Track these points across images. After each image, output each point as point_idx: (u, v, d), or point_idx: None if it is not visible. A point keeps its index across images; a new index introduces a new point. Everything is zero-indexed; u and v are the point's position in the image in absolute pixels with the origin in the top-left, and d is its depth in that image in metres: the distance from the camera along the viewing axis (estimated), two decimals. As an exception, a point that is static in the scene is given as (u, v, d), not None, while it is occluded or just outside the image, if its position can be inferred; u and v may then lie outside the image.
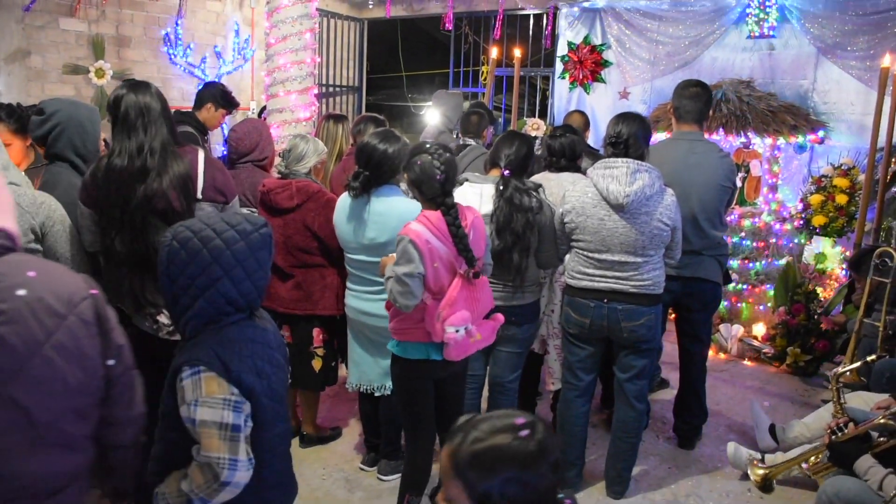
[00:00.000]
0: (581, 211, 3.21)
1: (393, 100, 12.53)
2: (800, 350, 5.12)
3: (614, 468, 3.47)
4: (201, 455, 1.77)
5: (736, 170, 3.93)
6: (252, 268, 1.88)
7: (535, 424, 1.47)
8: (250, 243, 1.88)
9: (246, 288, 1.87)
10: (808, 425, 3.74)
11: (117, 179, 2.61)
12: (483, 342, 2.83)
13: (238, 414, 1.78)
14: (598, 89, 7.49)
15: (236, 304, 1.87)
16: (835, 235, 5.73)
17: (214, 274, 1.82)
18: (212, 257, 1.82)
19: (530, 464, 1.42)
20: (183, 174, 2.67)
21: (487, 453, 1.43)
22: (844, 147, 6.03)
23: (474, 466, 1.43)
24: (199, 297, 1.83)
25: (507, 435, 1.44)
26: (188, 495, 1.79)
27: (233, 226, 1.88)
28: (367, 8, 8.94)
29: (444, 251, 2.68)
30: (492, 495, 1.41)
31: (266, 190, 3.59)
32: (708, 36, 6.68)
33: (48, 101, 3.01)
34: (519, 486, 1.41)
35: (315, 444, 3.89)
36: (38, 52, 6.11)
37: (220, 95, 4.60)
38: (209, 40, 7.50)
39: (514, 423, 1.46)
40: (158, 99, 2.71)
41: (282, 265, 3.60)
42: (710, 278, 3.79)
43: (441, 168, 2.68)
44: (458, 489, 1.45)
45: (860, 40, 5.95)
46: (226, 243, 1.84)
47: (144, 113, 2.65)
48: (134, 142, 2.63)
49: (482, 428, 1.47)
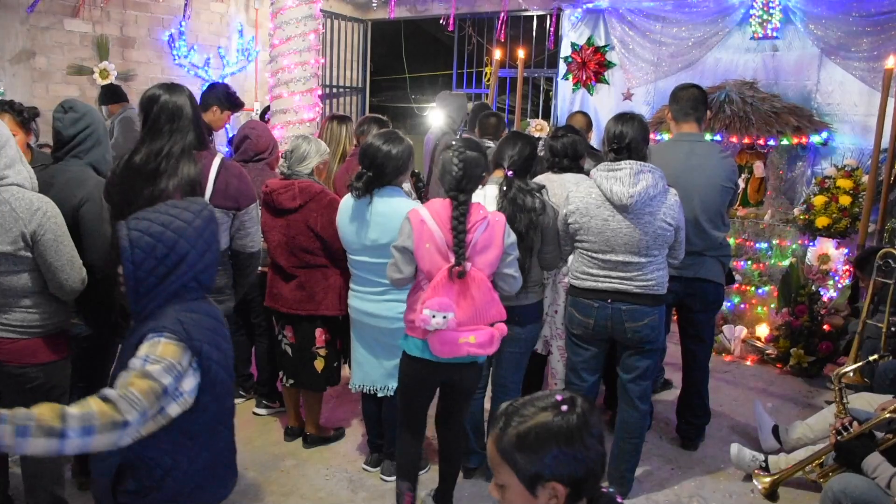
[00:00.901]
0: (585, 211, 3.21)
1: (396, 101, 12.55)
2: (803, 351, 5.12)
3: (617, 469, 3.47)
4: (119, 389, 1.76)
5: (737, 170, 3.93)
6: (210, 241, 2.02)
7: (574, 399, 1.49)
8: (204, 220, 2.01)
9: (208, 261, 2.00)
10: (811, 426, 3.74)
11: (131, 178, 2.65)
12: (479, 348, 2.77)
13: (175, 381, 1.82)
14: (601, 90, 7.50)
15: (199, 280, 1.99)
16: (838, 236, 5.72)
17: (182, 249, 1.93)
18: (177, 235, 1.93)
19: (575, 438, 1.44)
20: (191, 178, 2.70)
21: (531, 433, 1.44)
22: (848, 148, 6.03)
23: (521, 448, 1.45)
24: (168, 275, 1.92)
25: (548, 413, 1.46)
26: (61, 428, 1.66)
27: (184, 208, 2.01)
28: (371, 9, 8.96)
29: (439, 236, 2.76)
30: (543, 475, 1.44)
31: (269, 191, 3.60)
32: (711, 37, 6.68)
33: (75, 101, 3.09)
34: (567, 462, 1.43)
35: (318, 445, 3.89)
36: (43, 52, 6.14)
37: (224, 97, 4.61)
38: (213, 41, 7.53)
39: (555, 400, 1.49)
40: (192, 104, 2.77)
41: (285, 265, 3.61)
42: (712, 279, 3.79)
43: (459, 165, 2.79)
44: (509, 474, 1.47)
45: (864, 41, 5.95)
46: (185, 222, 1.96)
47: (176, 117, 2.70)
48: (156, 144, 2.68)
49: (523, 411, 1.49)
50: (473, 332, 2.74)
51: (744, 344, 5.53)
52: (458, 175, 2.78)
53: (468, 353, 2.77)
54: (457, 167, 2.78)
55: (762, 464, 3.64)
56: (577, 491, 1.46)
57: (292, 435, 3.95)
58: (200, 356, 1.88)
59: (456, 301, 2.73)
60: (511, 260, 2.87)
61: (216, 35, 7.55)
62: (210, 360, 1.90)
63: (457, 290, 2.74)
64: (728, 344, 5.55)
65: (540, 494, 1.45)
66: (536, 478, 1.44)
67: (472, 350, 2.77)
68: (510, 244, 2.84)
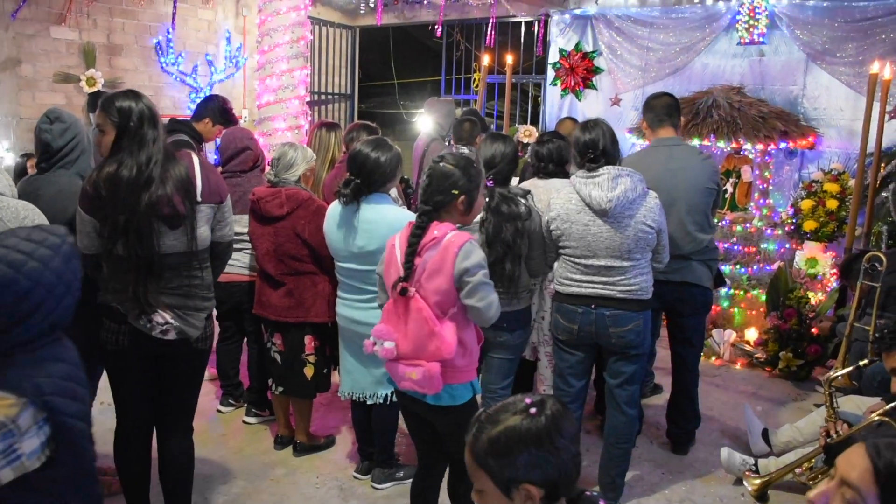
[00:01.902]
0: (566, 217, 3.22)
1: (385, 107, 12.56)
2: (792, 355, 5.14)
3: (608, 474, 3.47)
4: None
5: (719, 171, 3.95)
6: (70, 282, 1.75)
7: (544, 403, 1.51)
8: (63, 255, 1.74)
9: (67, 303, 1.74)
10: (800, 430, 3.76)
11: (125, 189, 2.59)
12: (419, 386, 2.49)
13: (3, 441, 1.55)
14: (589, 96, 7.52)
15: (57, 324, 1.73)
16: (825, 240, 5.75)
17: (37, 298, 1.66)
18: (32, 282, 1.65)
19: (545, 440, 1.46)
20: (184, 178, 2.68)
21: (502, 438, 1.47)
22: (834, 152, 6.07)
23: (493, 453, 1.48)
24: (18, 325, 1.65)
25: (517, 417, 1.49)
26: None
27: (40, 242, 1.71)
28: (359, 16, 8.96)
29: (400, 260, 2.54)
30: (515, 478, 1.46)
31: (256, 198, 3.59)
32: (698, 42, 6.71)
33: (60, 111, 3.07)
34: (539, 464, 1.46)
35: (309, 453, 3.87)
36: (29, 60, 6.10)
37: (219, 112, 4.59)
38: (201, 48, 7.50)
39: (525, 404, 1.51)
40: (153, 106, 2.74)
41: (273, 273, 3.59)
42: (699, 283, 3.80)
43: (426, 177, 2.61)
44: (485, 479, 1.50)
45: (849, 47, 6.00)
46: (42, 263, 1.68)
47: (153, 124, 2.66)
48: (144, 154, 2.62)
49: (493, 416, 1.52)
50: (415, 367, 2.47)
51: (733, 348, 5.54)
52: (423, 186, 2.59)
53: (411, 388, 2.52)
54: (425, 178, 2.62)
55: (752, 467, 3.65)
56: (553, 492, 1.48)
57: (282, 443, 3.93)
58: (53, 412, 1.62)
59: (399, 329, 2.51)
60: (471, 288, 2.46)
61: (204, 42, 7.53)
62: (64, 414, 1.65)
63: (401, 318, 2.52)
64: (717, 348, 5.56)
65: (515, 497, 1.47)
66: (511, 481, 1.46)
67: (412, 387, 2.50)
68: (466, 269, 2.44)
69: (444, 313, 2.49)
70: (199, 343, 2.86)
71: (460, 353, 2.52)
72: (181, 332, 2.74)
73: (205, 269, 2.84)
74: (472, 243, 2.50)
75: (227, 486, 3.56)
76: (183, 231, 2.69)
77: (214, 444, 3.95)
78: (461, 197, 2.55)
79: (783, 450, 3.73)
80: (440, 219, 2.55)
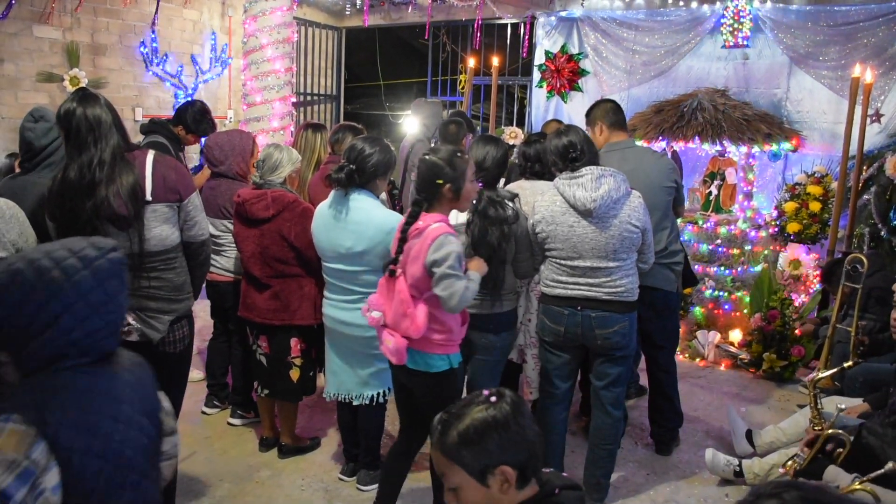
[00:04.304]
0: (551, 219, 3.23)
1: (371, 108, 12.53)
2: (776, 356, 5.18)
3: (593, 475, 3.47)
4: None
5: (676, 169, 3.94)
6: (99, 300, 1.58)
7: (501, 391, 1.65)
8: (95, 271, 1.59)
9: (93, 325, 1.57)
10: (784, 430, 3.78)
11: (70, 193, 2.60)
12: (388, 352, 2.84)
13: (19, 483, 1.39)
14: (575, 98, 7.54)
15: (79, 346, 1.56)
16: (809, 242, 5.80)
17: (53, 311, 1.53)
18: (49, 292, 1.53)
19: (511, 423, 1.58)
20: (131, 182, 2.66)
21: (471, 429, 1.57)
22: (817, 155, 6.12)
23: (465, 445, 1.57)
24: (34, 338, 1.53)
25: (481, 407, 1.61)
26: None
27: (74, 252, 1.60)
28: (345, 17, 8.95)
29: None
30: (491, 463, 1.56)
31: (241, 201, 3.57)
32: (683, 45, 6.75)
33: (45, 110, 3.05)
34: (510, 446, 1.57)
35: (294, 455, 3.86)
36: (11, 59, 6.03)
37: (190, 122, 4.58)
38: (186, 49, 7.46)
39: (484, 396, 1.64)
40: (109, 110, 2.69)
41: (259, 276, 3.58)
42: (660, 286, 3.78)
43: (416, 175, 2.88)
44: (459, 473, 1.58)
45: (831, 50, 6.05)
46: (65, 273, 1.55)
47: (95, 127, 2.62)
48: (85, 157, 2.61)
49: (457, 413, 1.62)
50: (392, 336, 2.80)
51: (717, 349, 5.58)
52: (415, 180, 2.89)
53: (385, 353, 2.87)
54: (416, 173, 2.87)
55: (736, 468, 3.67)
56: (524, 473, 1.59)
57: (267, 445, 3.91)
58: (56, 446, 1.45)
59: (387, 302, 2.86)
60: (436, 278, 2.67)
61: (189, 42, 7.48)
62: (70, 450, 1.47)
63: (389, 293, 2.86)
64: (702, 349, 5.60)
65: (492, 483, 1.57)
66: (486, 467, 1.56)
67: (385, 352, 2.86)
68: (434, 261, 2.66)
69: (420, 294, 2.76)
70: (167, 346, 2.84)
71: (437, 330, 2.80)
72: (143, 334, 2.75)
73: (170, 270, 2.82)
74: (447, 237, 2.70)
75: (212, 488, 3.55)
76: (131, 233, 2.68)
77: (199, 446, 3.93)
78: (447, 185, 2.77)
79: (767, 450, 3.76)
80: (432, 208, 2.81)
